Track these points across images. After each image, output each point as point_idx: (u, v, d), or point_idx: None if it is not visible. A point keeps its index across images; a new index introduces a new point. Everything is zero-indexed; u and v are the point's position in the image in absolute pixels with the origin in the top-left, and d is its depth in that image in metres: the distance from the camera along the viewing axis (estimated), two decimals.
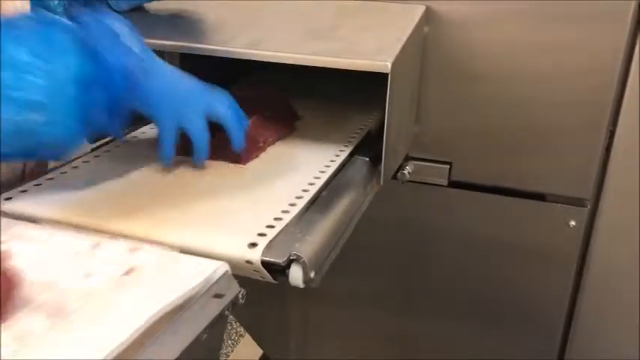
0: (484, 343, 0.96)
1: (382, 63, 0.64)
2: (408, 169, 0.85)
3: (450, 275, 0.93)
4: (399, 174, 0.85)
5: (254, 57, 0.69)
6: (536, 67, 0.78)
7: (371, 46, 0.69)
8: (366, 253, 0.98)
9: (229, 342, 1.44)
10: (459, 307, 0.95)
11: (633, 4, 0.72)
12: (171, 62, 0.92)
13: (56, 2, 0.79)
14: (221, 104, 0.66)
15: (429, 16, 0.79)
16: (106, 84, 0.55)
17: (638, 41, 0.74)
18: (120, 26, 0.60)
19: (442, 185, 0.87)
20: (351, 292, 1.03)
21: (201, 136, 0.65)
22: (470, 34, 0.79)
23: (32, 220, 0.56)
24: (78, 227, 0.55)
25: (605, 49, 0.74)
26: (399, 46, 0.67)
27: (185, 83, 0.65)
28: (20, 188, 0.61)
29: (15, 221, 0.55)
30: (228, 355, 1.46)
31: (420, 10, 0.77)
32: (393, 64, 0.64)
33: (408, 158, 0.86)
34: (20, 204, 0.58)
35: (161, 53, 0.88)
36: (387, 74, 0.63)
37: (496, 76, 0.80)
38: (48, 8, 0.79)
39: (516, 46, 0.78)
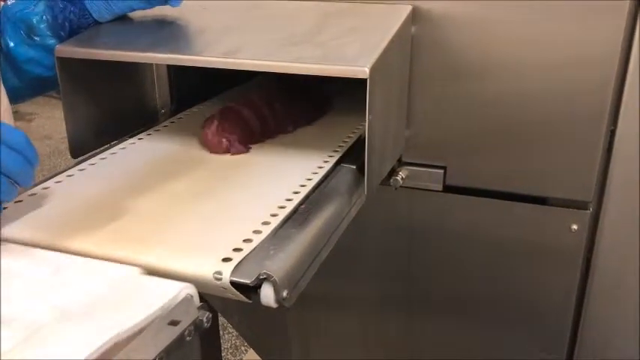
0: (487, 347, 0.92)
1: (360, 68, 0.61)
2: (401, 174, 0.82)
3: (449, 281, 0.90)
4: (392, 180, 0.82)
5: (231, 66, 0.67)
6: (531, 65, 0.74)
7: (351, 51, 0.66)
8: (365, 259, 0.95)
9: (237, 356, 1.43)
10: (460, 311, 0.92)
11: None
12: (159, 71, 0.92)
13: (38, 18, 0.78)
14: None
15: (416, 16, 0.76)
16: None
17: (635, 38, 0.70)
18: None
19: (437, 190, 0.84)
20: (350, 297, 1.00)
21: None
22: (460, 33, 0.76)
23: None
24: (44, 247, 0.53)
25: (602, 44, 0.71)
26: (380, 49, 0.64)
27: None
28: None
29: None
30: None
31: (405, 10, 0.74)
32: (372, 69, 0.61)
33: (401, 163, 0.84)
34: None
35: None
36: (365, 80, 0.61)
37: (489, 75, 0.77)
38: (31, 26, 0.78)
39: (509, 43, 0.74)
